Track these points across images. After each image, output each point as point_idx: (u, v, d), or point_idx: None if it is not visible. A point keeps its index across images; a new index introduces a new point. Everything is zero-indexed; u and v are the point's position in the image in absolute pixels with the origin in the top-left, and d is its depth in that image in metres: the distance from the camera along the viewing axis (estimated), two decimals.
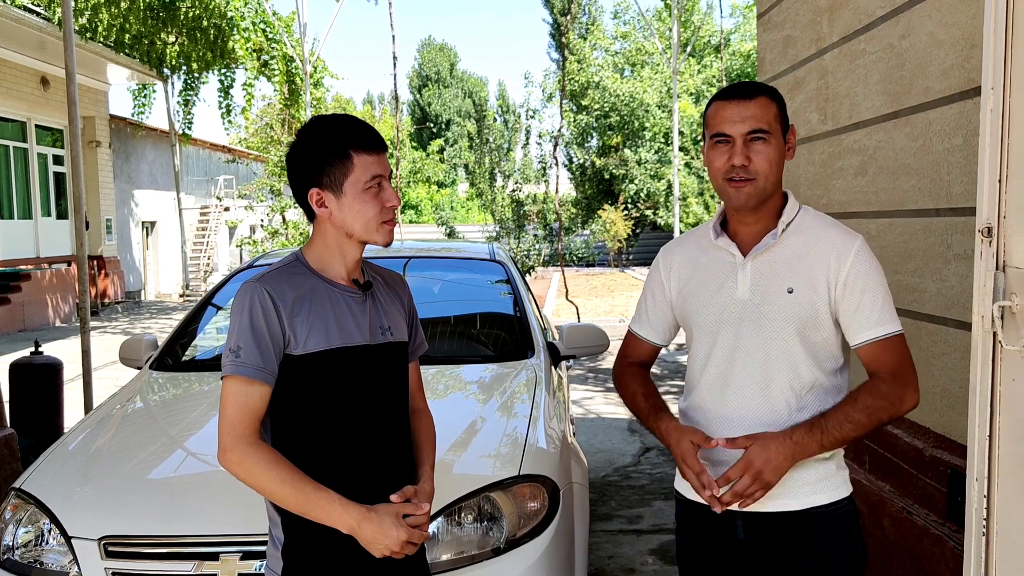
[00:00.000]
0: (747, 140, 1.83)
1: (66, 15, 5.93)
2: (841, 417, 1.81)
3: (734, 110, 1.84)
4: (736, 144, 1.83)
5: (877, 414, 1.82)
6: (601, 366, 9.68)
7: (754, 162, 1.83)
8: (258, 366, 1.73)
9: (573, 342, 3.97)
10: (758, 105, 1.84)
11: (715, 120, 1.87)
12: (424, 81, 50.26)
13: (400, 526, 1.76)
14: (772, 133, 1.84)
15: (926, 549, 2.94)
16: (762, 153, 1.83)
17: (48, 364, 5.99)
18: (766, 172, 1.84)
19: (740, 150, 1.83)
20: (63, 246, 16.44)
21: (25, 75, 15.03)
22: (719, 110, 1.87)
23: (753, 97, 1.85)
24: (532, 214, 27.80)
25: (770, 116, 1.85)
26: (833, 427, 1.80)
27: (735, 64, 26.54)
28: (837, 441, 1.81)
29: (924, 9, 3.04)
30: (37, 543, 2.54)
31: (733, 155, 1.83)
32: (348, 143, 1.79)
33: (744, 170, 1.83)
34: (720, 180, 1.87)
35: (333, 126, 1.83)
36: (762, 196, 1.86)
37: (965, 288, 2.82)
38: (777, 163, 1.86)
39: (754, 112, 1.83)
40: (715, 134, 1.87)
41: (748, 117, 1.83)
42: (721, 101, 1.88)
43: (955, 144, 2.88)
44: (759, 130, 1.83)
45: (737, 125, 1.83)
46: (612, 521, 4.73)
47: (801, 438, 1.80)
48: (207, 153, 25.09)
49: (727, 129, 1.84)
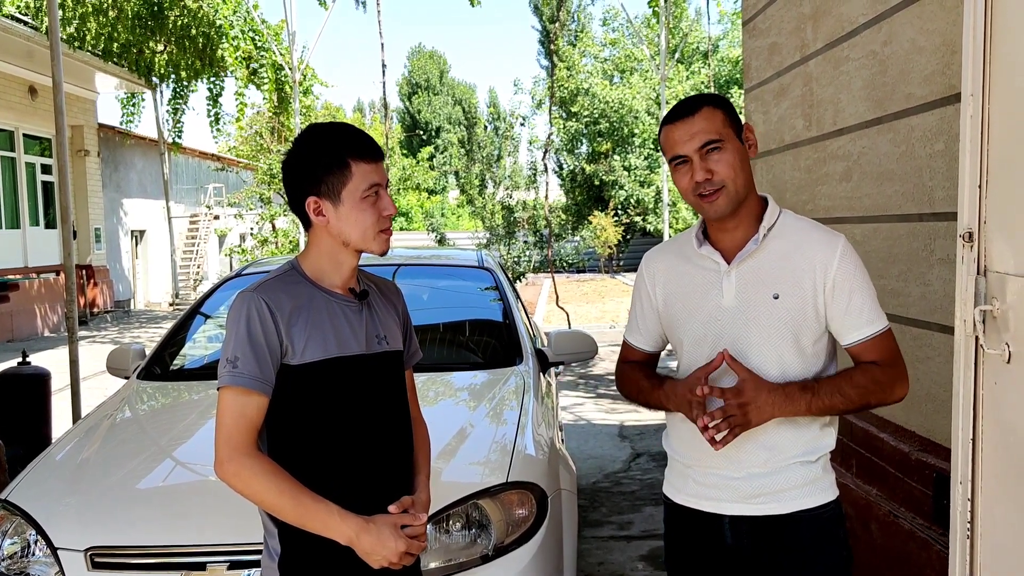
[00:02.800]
0: (703, 154, 1.85)
1: (52, 24, 5.91)
2: (833, 387, 1.83)
3: (681, 130, 1.87)
4: (694, 161, 1.86)
5: (867, 396, 1.84)
6: (592, 372, 9.69)
7: (717, 172, 1.84)
8: (255, 376, 1.72)
9: (562, 349, 3.97)
10: (702, 118, 1.86)
11: (668, 144, 1.90)
12: (414, 88, 50.23)
13: (398, 537, 1.75)
14: (725, 139, 1.86)
15: (912, 552, 2.96)
16: (721, 161, 1.85)
17: (36, 375, 5.95)
18: (732, 177, 1.85)
19: (699, 166, 1.85)
20: (51, 255, 16.35)
21: (13, 84, 14.97)
22: (669, 134, 1.90)
23: (695, 112, 1.87)
24: (522, 221, 27.82)
25: (717, 124, 1.86)
26: (824, 394, 1.82)
27: (723, 70, 26.63)
28: (823, 408, 1.83)
29: (905, 16, 3.06)
30: (23, 554, 2.53)
31: (694, 172, 1.85)
32: (346, 152, 1.79)
33: (709, 183, 1.84)
34: (692, 198, 1.89)
35: (331, 134, 1.82)
36: (736, 200, 1.87)
37: (948, 292, 2.84)
38: (740, 166, 1.87)
39: (700, 126, 1.85)
40: (672, 157, 1.90)
41: (696, 132, 1.85)
42: (668, 125, 1.90)
43: (937, 149, 2.90)
44: (710, 141, 1.85)
45: (688, 143, 1.86)
46: (603, 527, 4.73)
47: (792, 393, 1.82)
48: (196, 161, 25.02)
49: (680, 150, 1.87)
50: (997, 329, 1.77)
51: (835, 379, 1.86)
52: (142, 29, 15.44)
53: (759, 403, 1.80)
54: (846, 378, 1.86)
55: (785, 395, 1.81)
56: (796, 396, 1.82)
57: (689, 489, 1.98)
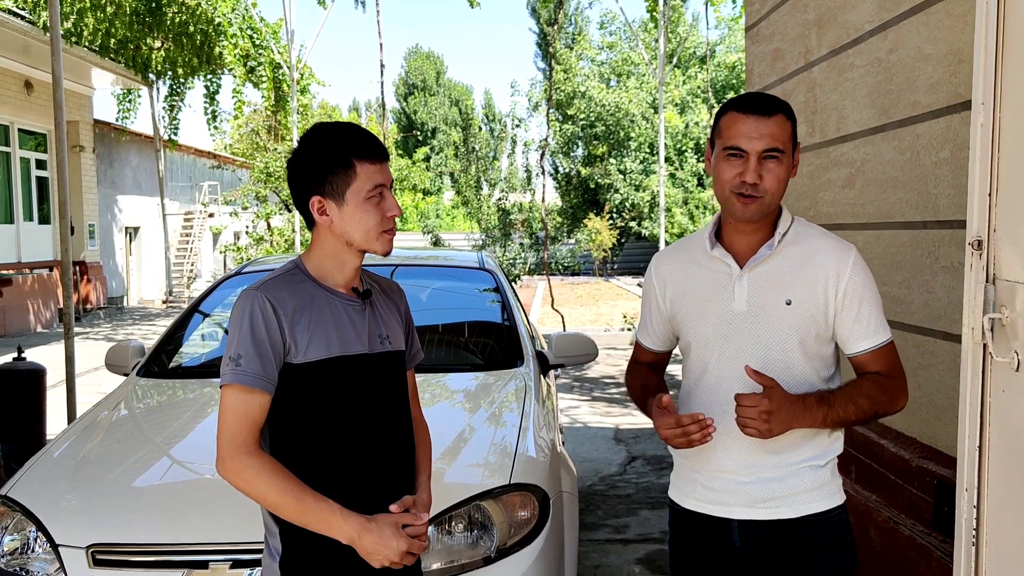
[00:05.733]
0: (761, 158, 1.81)
1: (53, 20, 5.89)
2: (846, 399, 1.84)
3: (752, 125, 1.81)
4: (750, 160, 1.81)
5: (876, 406, 1.85)
6: (587, 375, 9.69)
7: (765, 180, 1.81)
8: (258, 375, 1.72)
9: (562, 351, 3.97)
10: (776, 123, 1.81)
11: (730, 132, 1.84)
12: (410, 89, 50.23)
13: (400, 536, 1.75)
14: (785, 152, 1.83)
15: (913, 559, 2.96)
16: (774, 172, 1.82)
17: (31, 370, 5.92)
18: (774, 191, 1.83)
19: (754, 167, 1.80)
20: (45, 251, 16.29)
21: (8, 79, 14.91)
22: (736, 122, 1.83)
23: (772, 114, 1.82)
24: (518, 223, 27.82)
25: (786, 135, 1.83)
26: (839, 406, 1.83)
27: (720, 75, 26.70)
28: (838, 420, 1.84)
29: (912, 24, 3.07)
30: (23, 551, 2.52)
31: (746, 171, 1.81)
32: (352, 152, 1.79)
33: (755, 188, 1.81)
34: (727, 192, 1.85)
35: (337, 134, 1.82)
36: (767, 212, 1.87)
37: (952, 300, 2.85)
38: (785, 182, 1.85)
39: (772, 130, 1.81)
40: (729, 147, 1.84)
41: (766, 135, 1.80)
42: (739, 113, 1.83)
43: (942, 157, 2.91)
44: (775, 149, 1.81)
45: (755, 142, 1.80)
46: (599, 530, 4.73)
47: (811, 405, 1.81)
48: (192, 159, 24.95)
49: (743, 144, 1.81)
50: (1006, 337, 1.77)
51: (847, 390, 1.86)
52: (139, 25, 15.39)
53: (783, 414, 1.78)
54: (856, 388, 1.86)
55: (805, 407, 1.81)
56: (815, 408, 1.81)
57: (697, 493, 1.97)
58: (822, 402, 1.83)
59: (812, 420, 1.82)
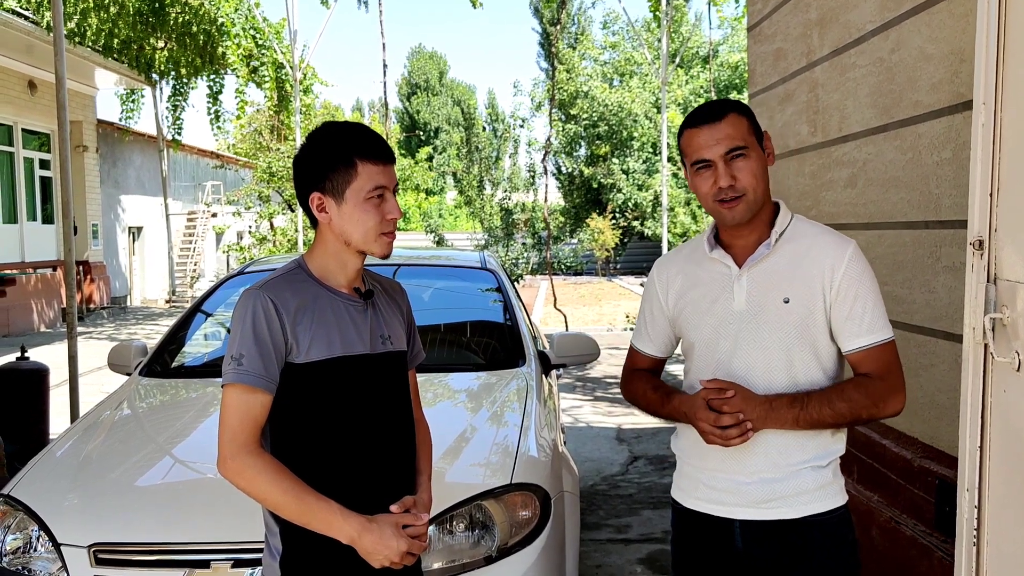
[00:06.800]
0: (727, 160, 1.84)
1: (56, 20, 5.90)
2: (823, 401, 1.83)
3: (707, 134, 1.85)
4: (718, 166, 1.84)
5: (858, 410, 1.83)
6: (589, 375, 9.69)
7: (740, 179, 1.84)
8: (260, 374, 1.73)
9: (564, 351, 3.97)
10: (729, 124, 1.85)
11: (691, 148, 1.88)
12: (413, 89, 50.25)
13: (400, 536, 1.75)
14: (749, 147, 1.86)
15: (914, 559, 2.96)
16: (745, 169, 1.84)
17: (34, 370, 5.93)
18: (753, 185, 1.85)
19: (723, 171, 1.84)
20: (49, 251, 16.32)
21: (12, 79, 14.94)
22: (692, 138, 1.88)
23: (722, 117, 1.85)
24: (520, 223, 27.84)
25: (743, 131, 1.86)
26: (812, 408, 1.82)
27: (723, 75, 26.69)
28: (812, 422, 1.83)
29: (914, 24, 3.07)
30: (26, 550, 2.52)
31: (718, 178, 1.84)
32: (354, 151, 1.79)
33: (732, 189, 1.84)
34: (711, 203, 1.88)
35: (342, 133, 1.83)
36: (755, 208, 1.87)
37: (953, 300, 2.85)
38: (762, 174, 1.87)
39: (727, 132, 1.84)
40: (695, 161, 1.88)
41: (722, 138, 1.84)
42: (692, 128, 1.88)
43: (944, 157, 2.91)
44: (736, 148, 1.84)
45: (714, 148, 1.84)
46: (601, 530, 4.73)
47: (779, 406, 1.82)
48: (195, 159, 24.99)
49: (705, 154, 1.85)
50: (1007, 337, 1.77)
51: (827, 392, 1.85)
52: (143, 25, 15.44)
53: (750, 415, 1.81)
54: (838, 391, 1.85)
55: (771, 408, 1.82)
56: (783, 409, 1.82)
57: (699, 493, 1.97)
58: (793, 404, 1.82)
59: (779, 421, 1.82)
